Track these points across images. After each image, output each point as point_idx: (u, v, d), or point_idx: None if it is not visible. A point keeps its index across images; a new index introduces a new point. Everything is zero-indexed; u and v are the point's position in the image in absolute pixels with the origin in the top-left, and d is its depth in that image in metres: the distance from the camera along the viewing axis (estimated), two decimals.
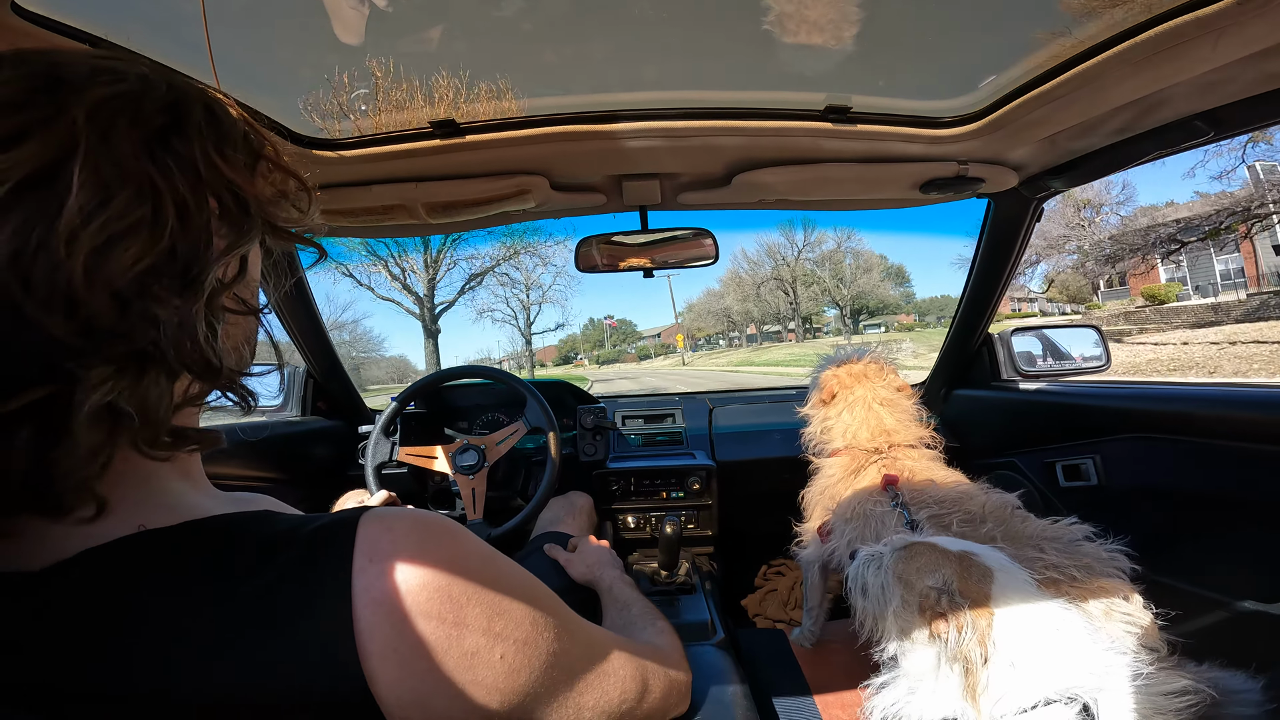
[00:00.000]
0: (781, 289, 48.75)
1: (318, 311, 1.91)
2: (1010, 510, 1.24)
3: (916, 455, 1.51)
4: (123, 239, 0.40)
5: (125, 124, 0.43)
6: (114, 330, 0.41)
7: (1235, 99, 1.11)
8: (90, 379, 0.40)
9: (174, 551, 0.46)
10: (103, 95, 0.42)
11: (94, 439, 0.41)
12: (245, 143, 0.52)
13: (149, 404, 0.44)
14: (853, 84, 1.22)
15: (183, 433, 0.48)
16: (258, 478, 1.68)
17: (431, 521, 0.52)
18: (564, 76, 1.17)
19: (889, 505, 1.36)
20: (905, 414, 1.59)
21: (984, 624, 0.83)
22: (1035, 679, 0.79)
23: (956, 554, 0.94)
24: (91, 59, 0.46)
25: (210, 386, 0.49)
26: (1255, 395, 1.25)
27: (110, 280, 0.40)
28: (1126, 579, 1.08)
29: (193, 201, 0.45)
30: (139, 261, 0.41)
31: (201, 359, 0.46)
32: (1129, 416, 1.52)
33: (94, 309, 0.39)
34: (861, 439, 1.56)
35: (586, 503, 1.85)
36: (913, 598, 0.92)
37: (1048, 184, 1.59)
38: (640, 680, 0.68)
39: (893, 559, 0.99)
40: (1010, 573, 0.93)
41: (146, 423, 0.44)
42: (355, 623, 0.44)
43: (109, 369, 0.41)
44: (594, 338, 74.46)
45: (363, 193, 1.42)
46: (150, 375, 0.43)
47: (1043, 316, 31.75)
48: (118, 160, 0.41)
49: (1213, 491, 1.29)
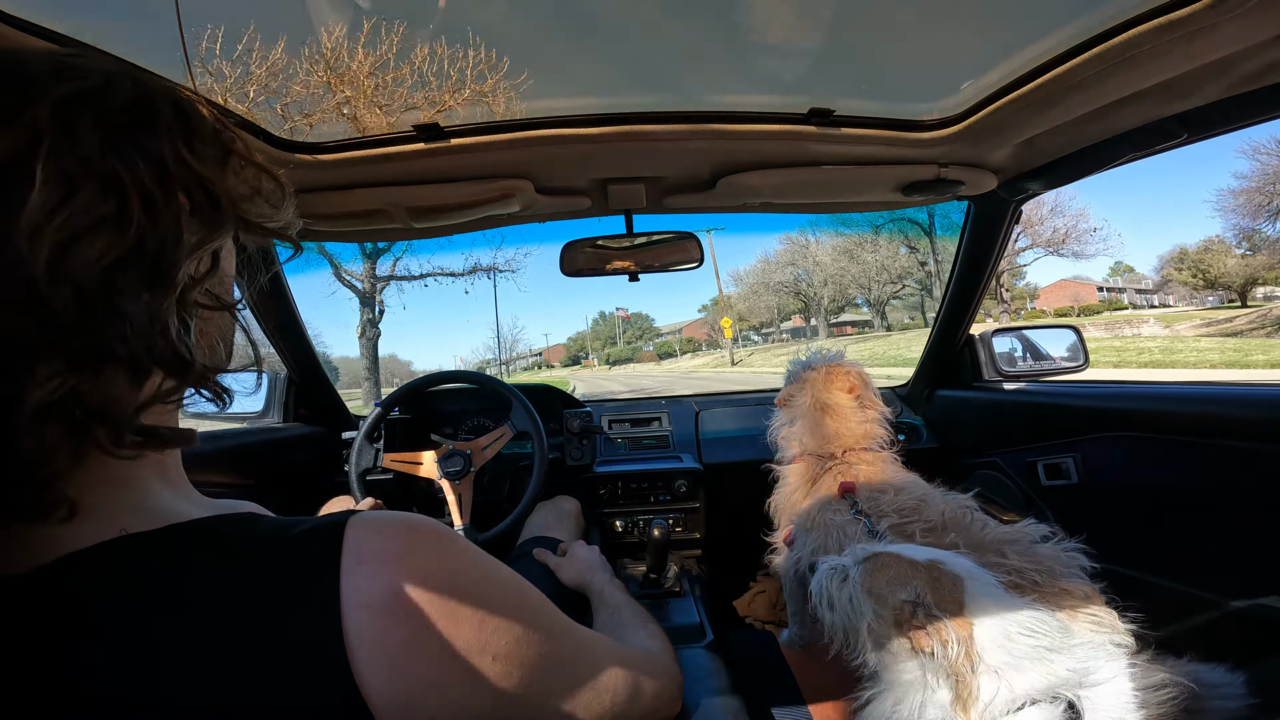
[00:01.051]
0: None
1: (298, 313, 1.88)
2: (970, 516, 1.24)
3: (870, 458, 1.49)
4: (87, 234, 0.40)
5: (89, 120, 0.42)
6: (76, 325, 0.40)
7: (1209, 101, 1.14)
8: (38, 375, 0.39)
9: (157, 555, 0.45)
10: (66, 92, 0.42)
11: (48, 438, 0.40)
12: (215, 138, 0.52)
13: (106, 401, 0.43)
14: (836, 88, 1.23)
15: (153, 431, 0.47)
16: (239, 485, 1.65)
17: (420, 524, 0.51)
18: (549, 80, 1.16)
19: (848, 513, 1.35)
20: (850, 417, 1.57)
21: (966, 634, 0.82)
22: (1019, 682, 0.80)
23: (924, 564, 0.93)
24: (55, 56, 0.46)
25: (182, 383, 0.48)
26: (1232, 394, 1.28)
27: (73, 275, 0.40)
28: (1086, 578, 1.09)
29: (161, 196, 0.45)
30: (104, 256, 0.41)
31: (173, 354, 0.45)
32: (1107, 415, 1.55)
33: (56, 305, 0.39)
34: (809, 445, 1.56)
35: (574, 507, 1.85)
36: (887, 612, 0.90)
37: (1026, 186, 1.61)
38: (632, 683, 0.68)
39: (859, 573, 0.97)
40: (978, 579, 0.92)
41: (105, 420, 0.43)
42: (344, 625, 0.43)
43: (59, 365, 0.40)
44: (605, 334, 67.99)
45: (344, 197, 1.41)
46: (107, 372, 0.42)
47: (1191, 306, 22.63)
48: (81, 156, 0.41)
49: (1191, 488, 1.32)
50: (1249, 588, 1.22)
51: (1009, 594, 0.92)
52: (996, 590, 0.92)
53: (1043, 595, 1.01)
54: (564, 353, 68.57)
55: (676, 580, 1.50)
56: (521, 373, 65.69)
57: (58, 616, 0.41)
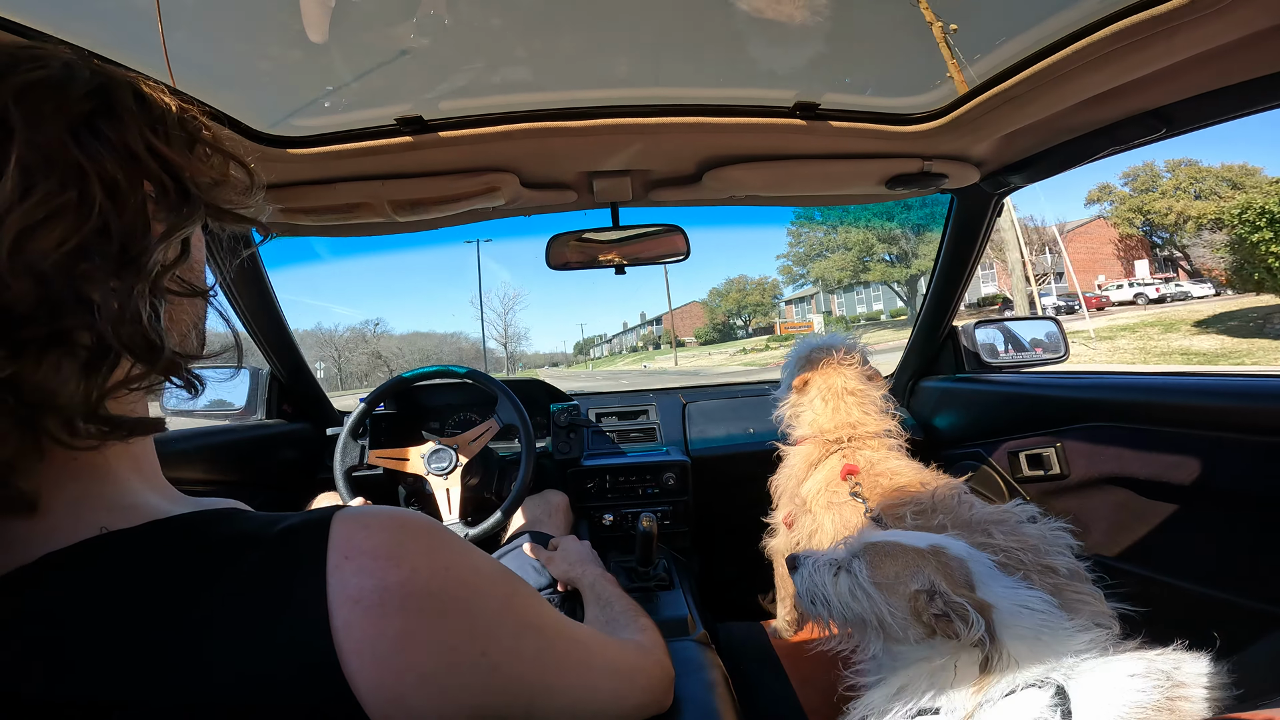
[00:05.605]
0: None
1: (280, 310, 1.85)
2: (958, 498, 1.27)
3: (877, 445, 1.54)
4: (44, 223, 0.40)
5: (50, 110, 0.42)
6: (34, 314, 0.40)
7: (1188, 95, 1.16)
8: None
9: (139, 553, 0.44)
10: (25, 81, 0.42)
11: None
12: (180, 125, 0.51)
13: (48, 389, 0.41)
14: (821, 81, 1.23)
15: (116, 420, 0.45)
16: (220, 481, 1.63)
17: (408, 518, 0.51)
18: (535, 73, 1.15)
19: (847, 495, 1.38)
20: (872, 405, 1.62)
21: (989, 616, 0.83)
22: (1025, 664, 0.80)
23: (929, 550, 0.93)
24: (12, 48, 0.45)
25: (152, 369, 0.47)
26: (1210, 384, 1.31)
27: (31, 264, 0.39)
28: (1073, 557, 1.12)
29: (125, 183, 0.44)
30: (64, 244, 0.41)
31: (143, 340, 0.45)
32: (1087, 406, 1.57)
33: (15, 293, 0.39)
34: (826, 428, 1.58)
35: (562, 501, 1.85)
36: (900, 602, 0.90)
37: (1007, 180, 1.63)
38: (624, 677, 0.68)
39: (862, 566, 0.96)
40: (978, 560, 0.94)
41: (50, 409, 0.42)
42: (331, 621, 0.43)
43: (1, 353, 0.39)
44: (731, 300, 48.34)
45: (327, 190, 1.39)
46: (50, 358, 0.41)
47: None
48: (41, 145, 0.41)
49: (1170, 478, 1.34)
50: (1229, 577, 1.25)
51: (1003, 574, 0.93)
52: (994, 571, 0.93)
53: (1029, 574, 1.04)
54: (702, 318, 47.39)
55: (665, 573, 1.50)
56: (657, 353, 48.35)
57: (38, 617, 0.41)
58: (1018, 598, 0.88)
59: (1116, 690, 0.75)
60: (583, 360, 58.90)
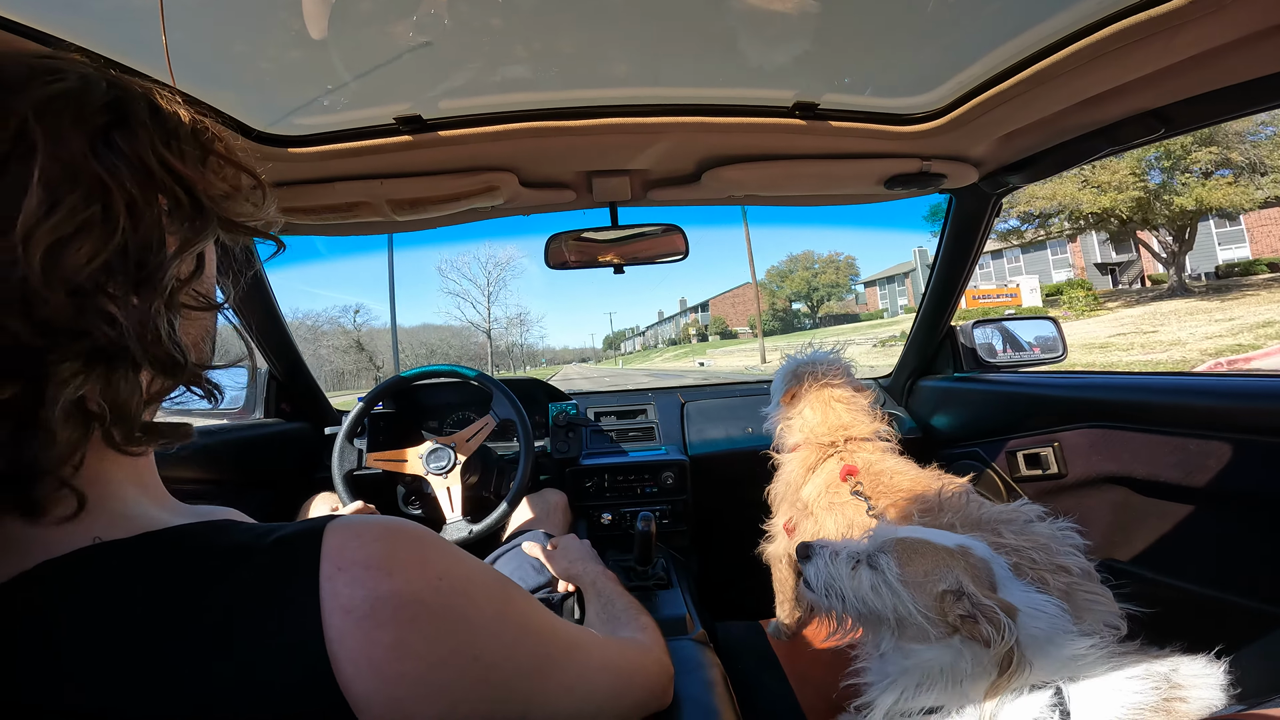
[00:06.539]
0: None
1: (278, 308, 1.86)
2: (966, 497, 1.27)
3: (871, 448, 1.55)
4: (74, 238, 0.40)
5: (69, 122, 0.42)
6: (72, 328, 0.41)
7: (1186, 96, 1.16)
8: (59, 374, 0.41)
9: (131, 565, 0.44)
10: (44, 94, 0.43)
11: (70, 435, 0.42)
12: (194, 138, 0.52)
13: (120, 399, 0.44)
14: (820, 81, 1.23)
15: (154, 427, 0.48)
16: (219, 481, 1.63)
17: (400, 528, 0.51)
18: (534, 72, 1.15)
19: (848, 496, 1.39)
20: (861, 410, 1.64)
21: (1015, 620, 0.82)
22: (1033, 670, 0.80)
23: (958, 550, 0.91)
24: (29, 59, 0.45)
25: (174, 382, 0.50)
26: (1208, 384, 1.31)
27: (67, 278, 0.40)
28: (1082, 556, 1.12)
29: (141, 199, 0.45)
30: (93, 260, 0.41)
31: (166, 355, 0.46)
32: (1085, 405, 1.57)
33: (52, 307, 0.40)
34: (819, 433, 1.60)
35: (561, 500, 1.85)
36: (929, 601, 0.88)
37: (1006, 180, 1.64)
38: (623, 677, 0.68)
39: (890, 563, 0.93)
40: (998, 563, 0.93)
41: (120, 418, 0.44)
42: (325, 631, 0.43)
43: (76, 364, 0.41)
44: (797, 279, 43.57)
45: (326, 190, 1.39)
46: (120, 371, 0.44)
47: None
48: (64, 159, 0.41)
49: (1168, 477, 1.34)
50: (1227, 577, 1.26)
51: (1019, 579, 0.93)
52: (1010, 574, 0.93)
53: (1040, 573, 1.03)
54: (751, 305, 41.16)
55: (664, 572, 1.51)
56: (705, 346, 42.97)
57: (32, 627, 0.41)
58: (1032, 601, 0.87)
59: (1114, 691, 0.75)
60: (612, 356, 56.27)
